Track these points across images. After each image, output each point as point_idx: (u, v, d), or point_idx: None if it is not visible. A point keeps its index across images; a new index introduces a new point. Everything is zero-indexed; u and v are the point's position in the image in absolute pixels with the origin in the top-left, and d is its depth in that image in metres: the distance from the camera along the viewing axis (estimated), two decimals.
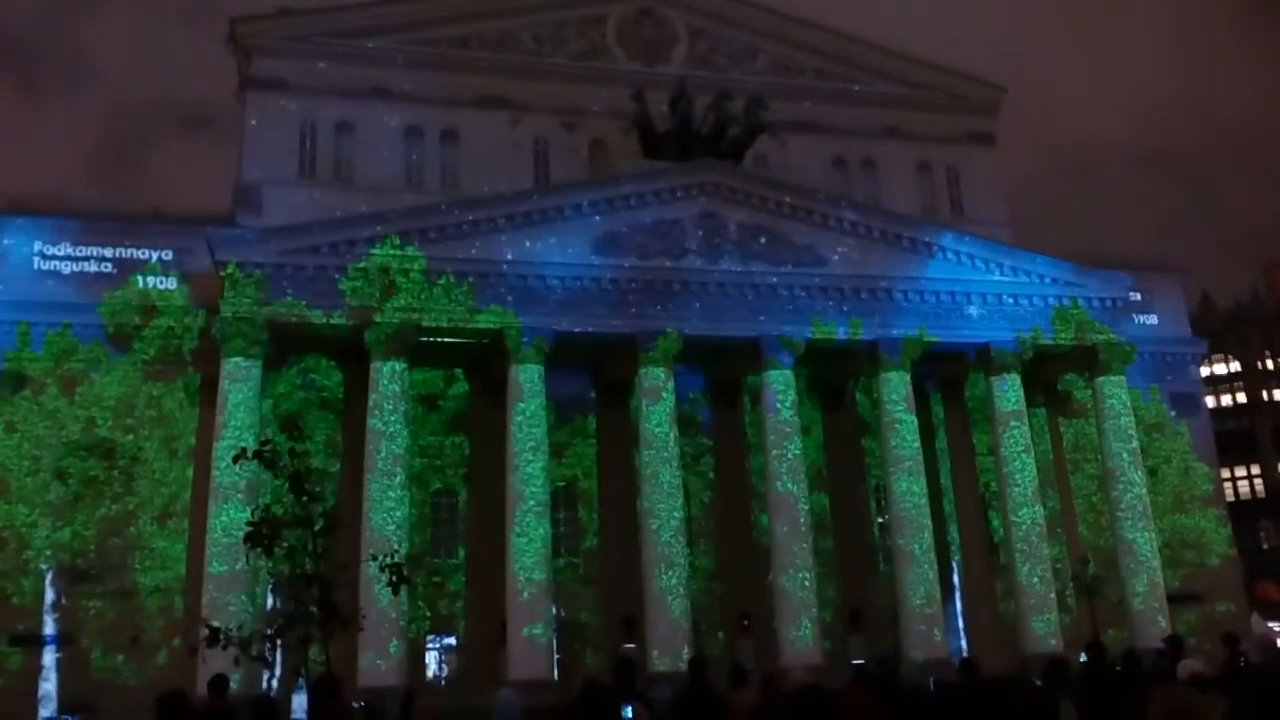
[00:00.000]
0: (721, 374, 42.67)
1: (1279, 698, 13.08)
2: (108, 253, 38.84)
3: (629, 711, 13.96)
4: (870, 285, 40.66)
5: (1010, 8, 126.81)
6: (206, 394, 36.94)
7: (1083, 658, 18.54)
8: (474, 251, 37.63)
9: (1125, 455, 42.05)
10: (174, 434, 37.89)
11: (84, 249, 38.72)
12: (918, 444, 40.42)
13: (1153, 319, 49.09)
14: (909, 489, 39.61)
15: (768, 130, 44.44)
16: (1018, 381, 41.66)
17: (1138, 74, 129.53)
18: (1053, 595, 40.04)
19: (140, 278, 38.69)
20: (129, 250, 39.03)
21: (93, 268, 38.60)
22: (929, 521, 39.76)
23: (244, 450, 16.05)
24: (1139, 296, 46.77)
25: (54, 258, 38.52)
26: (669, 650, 35.22)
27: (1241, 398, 71.65)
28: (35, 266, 38.29)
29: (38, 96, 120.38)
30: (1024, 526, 40.30)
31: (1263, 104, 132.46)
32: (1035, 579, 39.80)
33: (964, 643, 41.45)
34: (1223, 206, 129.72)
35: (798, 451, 39.30)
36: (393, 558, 17.25)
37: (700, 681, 13.95)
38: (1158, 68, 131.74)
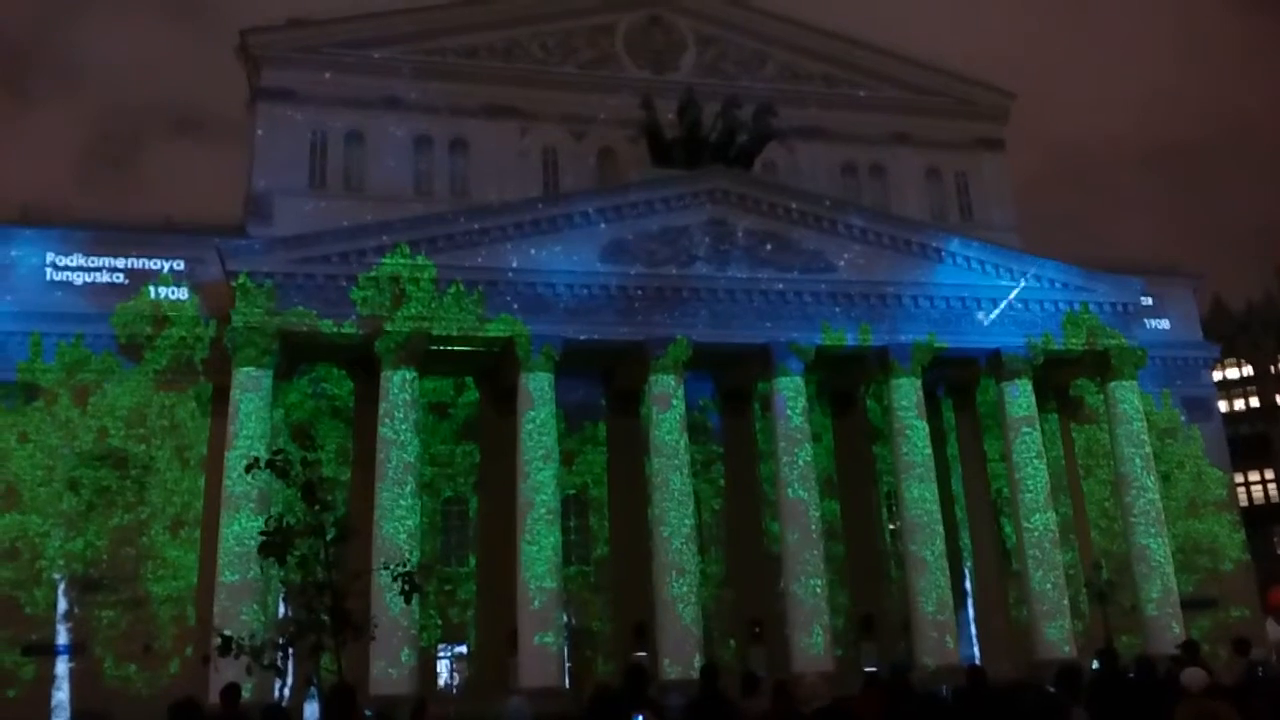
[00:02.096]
0: (731, 381, 42.64)
1: None
2: (119, 263, 39.01)
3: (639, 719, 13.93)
4: (879, 291, 40.61)
5: (1015, 8, 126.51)
6: (218, 403, 37.07)
7: (1095, 664, 18.46)
8: (483, 260, 37.72)
9: (1138, 460, 41.87)
10: (186, 443, 38.01)
11: (95, 259, 38.91)
12: (929, 450, 40.32)
13: (1164, 323, 48.88)
14: (920, 495, 39.50)
15: (776, 137, 44.47)
16: (1029, 387, 41.54)
17: (1144, 71, 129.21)
18: (1065, 601, 39.87)
19: (152, 288, 38.85)
20: (140, 260, 39.22)
21: (104, 278, 38.76)
22: (940, 528, 39.63)
23: (256, 460, 16.08)
24: (1150, 301, 46.60)
25: (65, 268, 38.71)
26: (680, 658, 35.18)
27: (1255, 402, 71.26)
28: (47, 277, 38.48)
29: (27, 101, 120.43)
30: (1036, 532, 40.14)
31: (1273, 102, 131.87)
32: (1048, 585, 39.63)
33: (976, 649, 41.31)
34: (1233, 207, 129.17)
35: (808, 458, 39.23)
36: (404, 566, 17.26)
37: (712, 689, 13.94)
38: (1164, 65, 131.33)
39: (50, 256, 38.67)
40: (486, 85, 45.87)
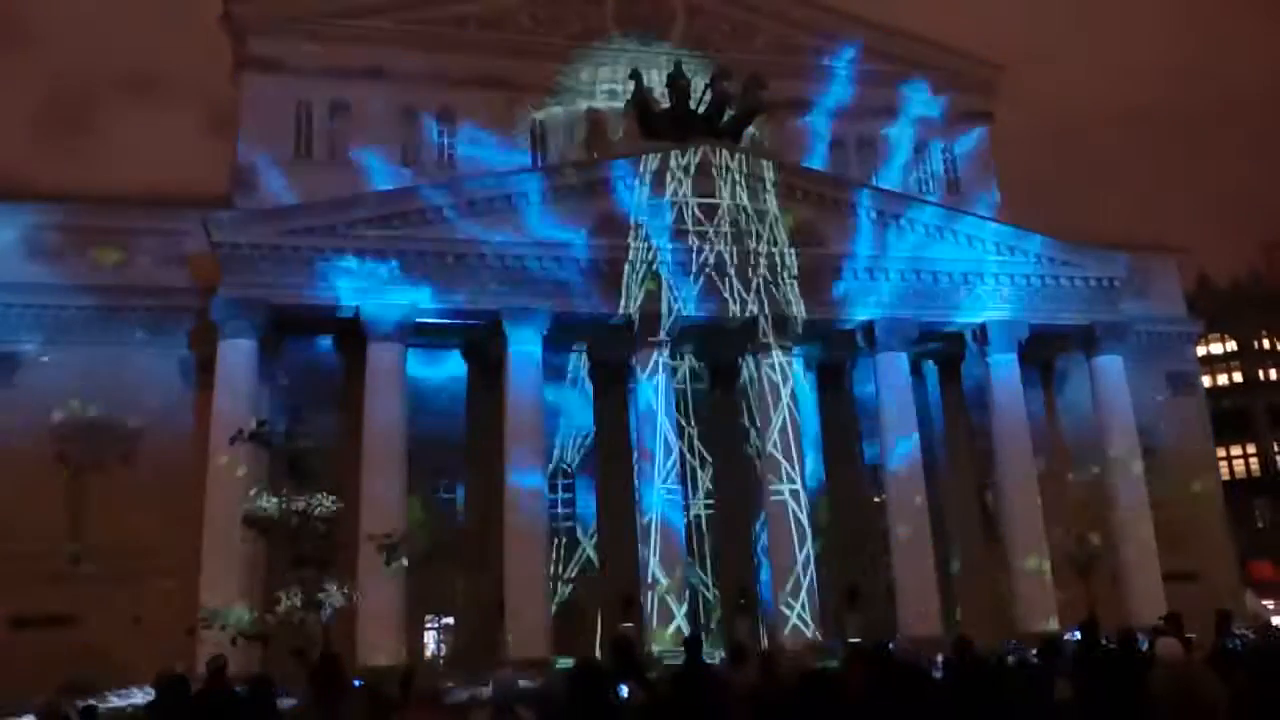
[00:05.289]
0: (720, 355, 42.67)
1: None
2: (103, 234, 38.69)
3: (624, 690, 14.04)
4: (866, 265, 40.62)
5: None
6: (204, 376, 36.93)
7: (1077, 636, 18.63)
8: (468, 233, 37.54)
9: (1121, 434, 42.15)
10: (171, 416, 37.87)
11: (80, 230, 38.63)
12: (914, 423, 40.50)
13: (1149, 298, 48.98)
14: (905, 467, 39.70)
15: (765, 110, 44.28)
16: (1014, 361, 41.71)
17: (1137, 43, 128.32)
18: (1048, 573, 40.19)
19: (136, 259, 38.58)
20: (125, 231, 38.94)
21: (89, 249, 38.46)
22: (925, 500, 39.90)
23: (241, 431, 16.10)
24: (1136, 276, 46.63)
25: (48, 240, 38.44)
26: (667, 630, 35.35)
27: (1238, 377, 71.68)
28: (29, 248, 38.21)
29: None
30: (1019, 505, 40.44)
31: (1267, 76, 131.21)
32: (1031, 557, 39.96)
33: (960, 621, 41.62)
34: (1220, 180, 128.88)
35: (796, 430, 39.26)
36: (390, 538, 17.33)
37: (697, 660, 14.02)
38: (1157, 35, 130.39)
39: (31, 227, 38.40)
40: (475, 56, 45.43)
